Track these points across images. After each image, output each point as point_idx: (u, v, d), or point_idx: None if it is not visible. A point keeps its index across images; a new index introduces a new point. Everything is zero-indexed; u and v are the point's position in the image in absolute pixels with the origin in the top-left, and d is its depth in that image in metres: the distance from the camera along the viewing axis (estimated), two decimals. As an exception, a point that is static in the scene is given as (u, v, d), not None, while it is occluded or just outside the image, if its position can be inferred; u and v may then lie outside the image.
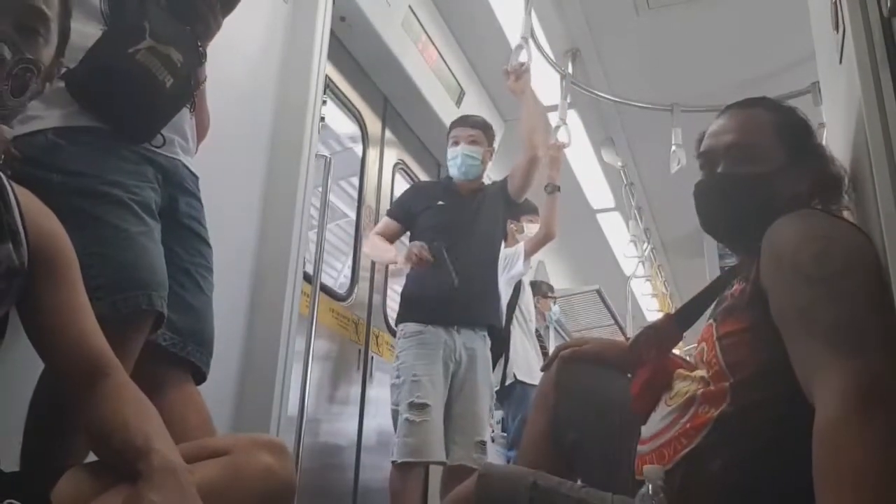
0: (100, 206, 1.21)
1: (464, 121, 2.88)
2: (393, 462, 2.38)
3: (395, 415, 2.45)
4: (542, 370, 1.48)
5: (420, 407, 2.39)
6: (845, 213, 1.18)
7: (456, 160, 2.77)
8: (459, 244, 2.61)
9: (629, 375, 1.31)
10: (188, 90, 1.38)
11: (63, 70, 1.11)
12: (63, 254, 0.93)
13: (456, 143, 2.79)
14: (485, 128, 2.84)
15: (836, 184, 1.17)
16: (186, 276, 1.38)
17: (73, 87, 1.18)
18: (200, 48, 1.41)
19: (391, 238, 2.79)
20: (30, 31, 0.91)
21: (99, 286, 0.97)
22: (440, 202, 2.73)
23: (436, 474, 2.78)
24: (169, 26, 1.35)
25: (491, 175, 4.01)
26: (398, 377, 2.49)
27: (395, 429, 2.44)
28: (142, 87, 1.28)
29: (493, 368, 3.32)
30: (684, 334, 1.32)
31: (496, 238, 2.83)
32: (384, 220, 2.86)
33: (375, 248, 2.77)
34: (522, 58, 2.85)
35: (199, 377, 1.39)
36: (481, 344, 2.65)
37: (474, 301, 2.63)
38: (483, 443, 2.55)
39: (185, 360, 1.34)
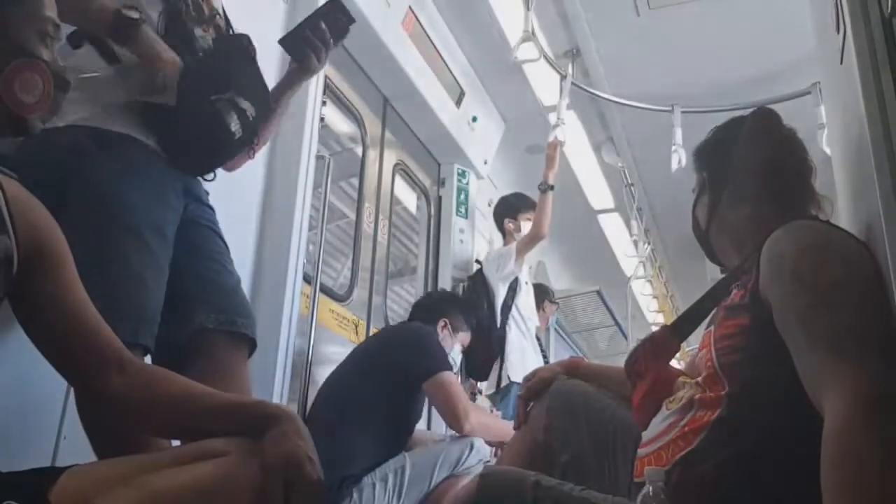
0: (110, 229, 1.22)
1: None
2: None
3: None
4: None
5: None
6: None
7: None
8: None
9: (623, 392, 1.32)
10: (252, 139, 1.48)
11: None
12: (59, 246, 0.94)
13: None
14: None
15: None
16: (214, 263, 1.47)
17: (151, 112, 1.29)
18: (273, 106, 1.55)
19: None
20: (48, 38, 0.98)
21: None
22: None
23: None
24: (250, 80, 1.46)
25: (495, 184, 4.03)
26: None
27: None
28: (214, 133, 1.37)
29: (490, 370, 3.34)
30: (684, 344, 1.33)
31: None
32: None
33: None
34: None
35: (252, 347, 1.45)
36: None
37: None
38: None
39: (238, 334, 1.39)
